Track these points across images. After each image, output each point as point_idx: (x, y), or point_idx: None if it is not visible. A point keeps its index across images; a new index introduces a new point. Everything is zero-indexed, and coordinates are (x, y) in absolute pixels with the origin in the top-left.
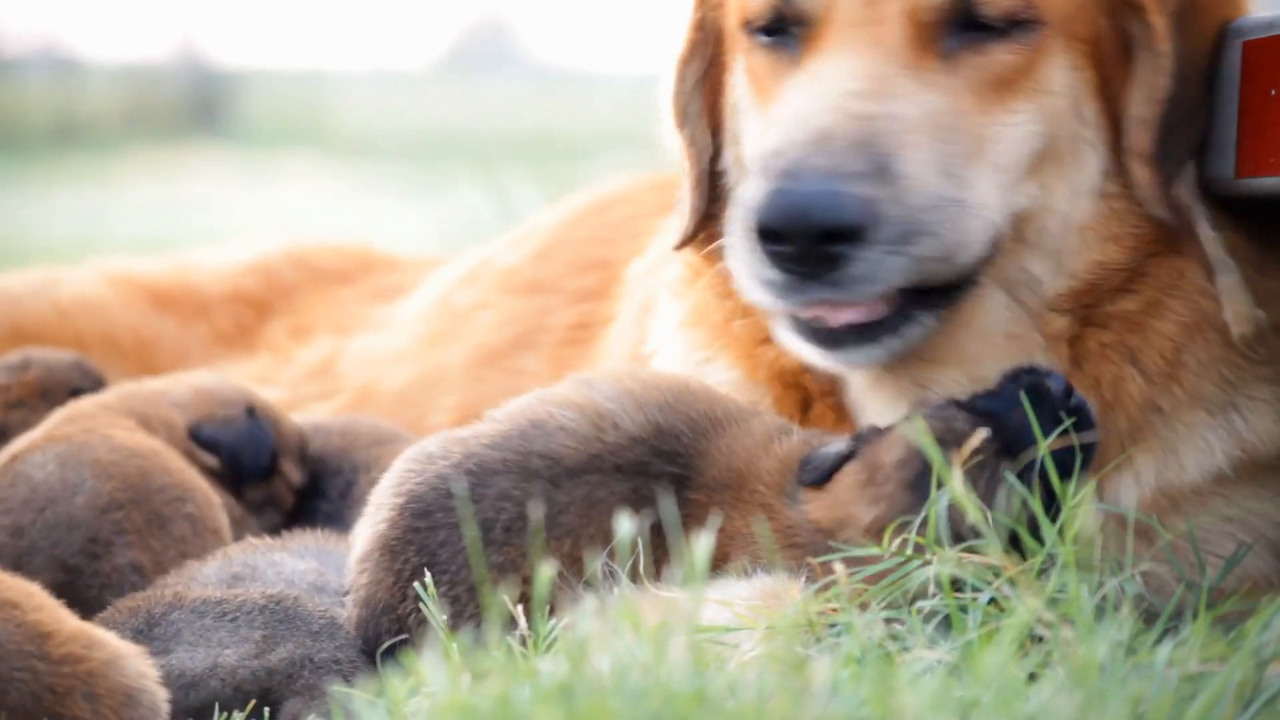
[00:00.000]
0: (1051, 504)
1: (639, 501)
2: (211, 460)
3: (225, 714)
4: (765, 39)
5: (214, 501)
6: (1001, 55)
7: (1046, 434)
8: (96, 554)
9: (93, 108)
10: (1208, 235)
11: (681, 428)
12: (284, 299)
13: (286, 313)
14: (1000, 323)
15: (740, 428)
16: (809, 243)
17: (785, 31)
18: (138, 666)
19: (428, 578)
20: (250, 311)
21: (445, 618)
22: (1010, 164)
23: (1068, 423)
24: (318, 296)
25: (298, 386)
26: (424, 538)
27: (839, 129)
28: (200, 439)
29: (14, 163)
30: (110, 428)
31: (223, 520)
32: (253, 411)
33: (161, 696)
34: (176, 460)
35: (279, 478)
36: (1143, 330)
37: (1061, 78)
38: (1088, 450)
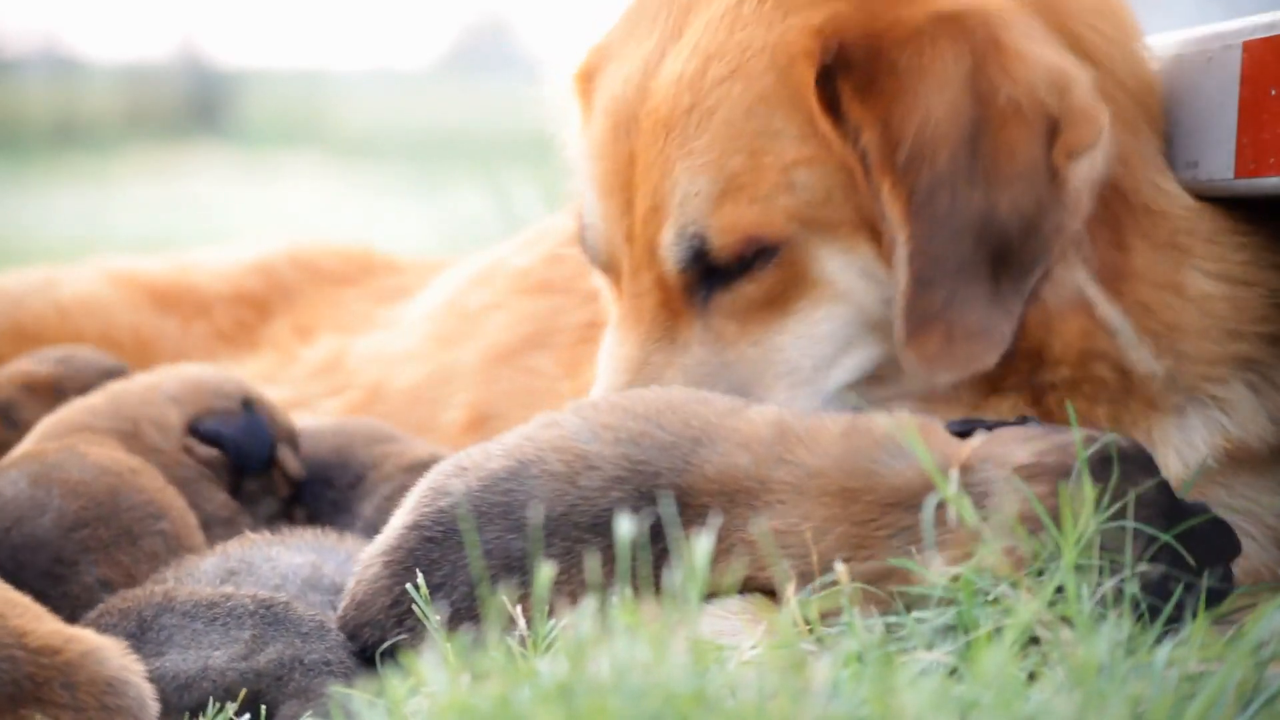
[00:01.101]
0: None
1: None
2: (211, 453)
3: (218, 707)
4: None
5: (190, 522)
6: (747, 286)
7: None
8: (63, 575)
9: (93, 108)
10: (1096, 299)
11: (660, 462)
12: (285, 299)
13: (289, 312)
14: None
15: (728, 437)
16: None
17: None
18: (120, 660)
19: (419, 579)
20: (252, 311)
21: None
22: (804, 361)
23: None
24: (320, 296)
25: (305, 384)
26: (427, 570)
27: None
28: (201, 434)
29: (14, 163)
30: (87, 445)
31: (199, 540)
32: (249, 403)
33: (148, 690)
34: (154, 479)
35: (277, 468)
36: (1090, 380)
37: (835, 266)
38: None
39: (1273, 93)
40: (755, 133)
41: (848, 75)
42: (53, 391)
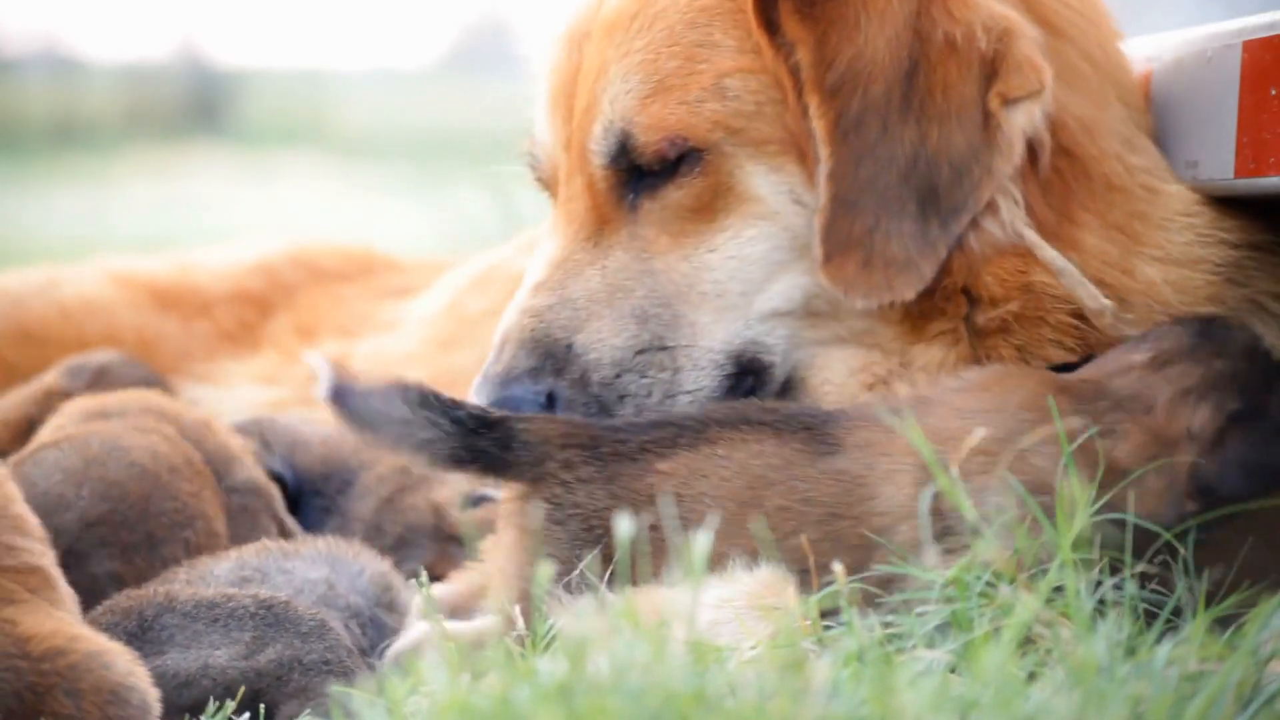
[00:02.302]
0: None
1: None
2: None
3: (217, 705)
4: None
5: (217, 530)
6: (673, 193)
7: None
8: (70, 565)
9: (93, 108)
10: (1035, 242)
11: None
12: (287, 298)
13: (290, 311)
14: (852, 368)
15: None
16: None
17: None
18: (125, 664)
19: (423, 575)
20: (253, 310)
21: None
22: (733, 285)
23: None
24: (321, 296)
25: (305, 386)
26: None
27: (514, 330)
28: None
29: (14, 163)
30: (136, 433)
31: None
32: (267, 442)
33: (153, 695)
34: (192, 482)
35: None
36: (1043, 319)
37: (763, 183)
38: None
39: (1273, 93)
40: (694, 42)
41: None
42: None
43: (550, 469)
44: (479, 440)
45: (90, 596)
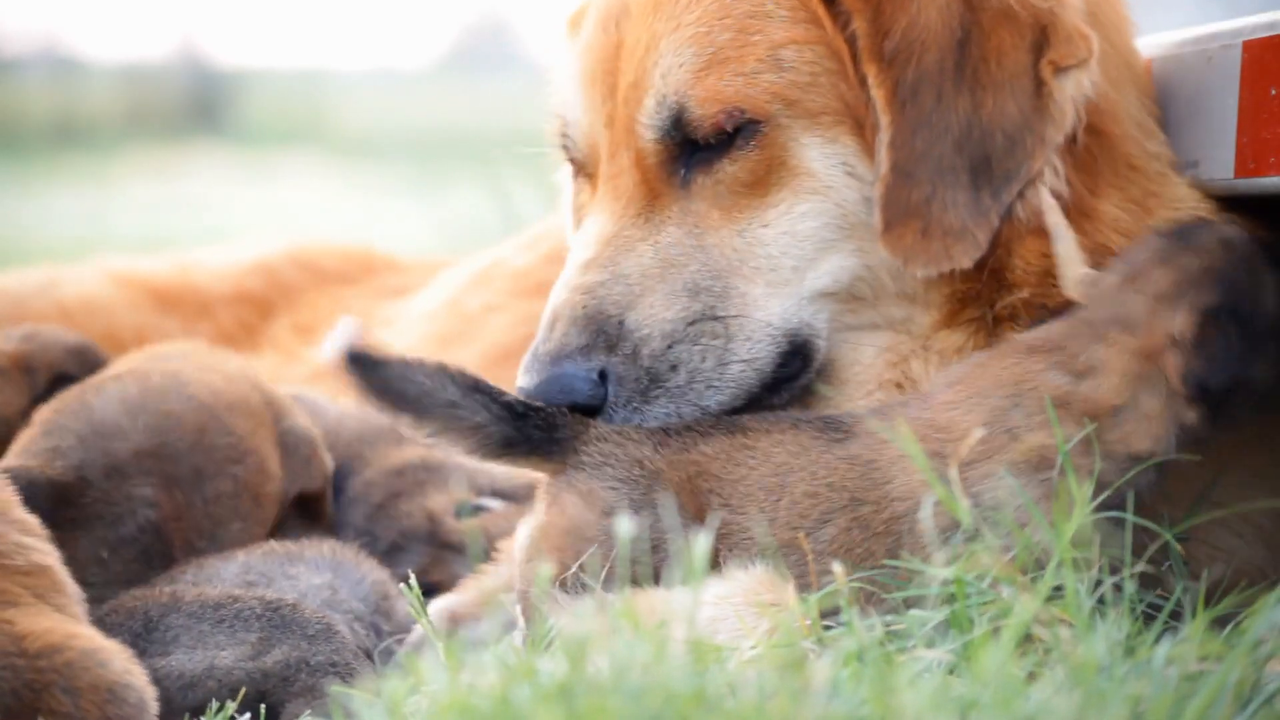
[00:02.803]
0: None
1: None
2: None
3: (219, 706)
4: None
5: (268, 472)
6: (728, 167)
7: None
8: (110, 479)
9: (93, 108)
10: (1049, 204)
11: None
12: (286, 299)
13: (290, 312)
14: (880, 347)
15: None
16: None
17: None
18: (122, 662)
19: (412, 580)
20: (253, 311)
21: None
22: (785, 260)
23: None
24: (321, 296)
25: (306, 385)
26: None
27: (565, 308)
28: None
29: (14, 163)
30: (197, 370)
31: (269, 491)
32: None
33: (150, 693)
34: (248, 420)
35: None
36: (1045, 309)
37: (817, 155)
38: None
39: (1273, 92)
40: (746, 13)
41: None
42: (21, 369)
43: (600, 432)
44: (528, 425)
45: (121, 516)
